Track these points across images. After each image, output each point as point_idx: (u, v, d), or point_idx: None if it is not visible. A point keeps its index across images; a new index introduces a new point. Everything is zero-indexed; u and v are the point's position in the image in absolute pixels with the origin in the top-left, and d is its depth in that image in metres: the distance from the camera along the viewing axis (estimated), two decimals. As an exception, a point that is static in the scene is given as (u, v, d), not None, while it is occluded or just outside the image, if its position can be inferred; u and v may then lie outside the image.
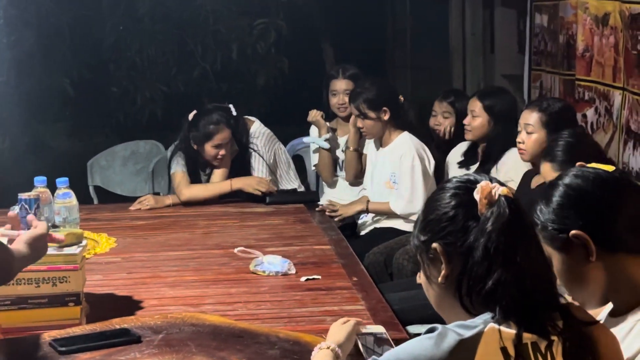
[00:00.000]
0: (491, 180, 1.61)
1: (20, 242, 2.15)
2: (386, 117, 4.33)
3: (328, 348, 2.10)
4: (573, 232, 1.73)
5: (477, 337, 1.49)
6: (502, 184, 1.60)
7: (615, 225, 1.74)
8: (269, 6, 6.37)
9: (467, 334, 1.49)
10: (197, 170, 4.56)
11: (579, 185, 1.78)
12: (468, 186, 1.61)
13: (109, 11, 6.09)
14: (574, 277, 1.77)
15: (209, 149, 4.41)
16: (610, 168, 1.82)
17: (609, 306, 1.81)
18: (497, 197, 1.56)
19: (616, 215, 1.74)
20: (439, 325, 1.52)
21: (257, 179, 4.47)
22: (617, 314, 1.76)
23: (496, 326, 1.51)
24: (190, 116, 4.46)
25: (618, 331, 1.72)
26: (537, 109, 3.63)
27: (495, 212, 1.55)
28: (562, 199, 1.78)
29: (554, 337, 1.55)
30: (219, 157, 4.44)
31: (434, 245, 1.60)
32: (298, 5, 6.62)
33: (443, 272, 1.59)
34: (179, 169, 4.50)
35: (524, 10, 5.34)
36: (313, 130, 4.90)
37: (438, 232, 1.60)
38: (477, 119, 4.25)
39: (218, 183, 4.48)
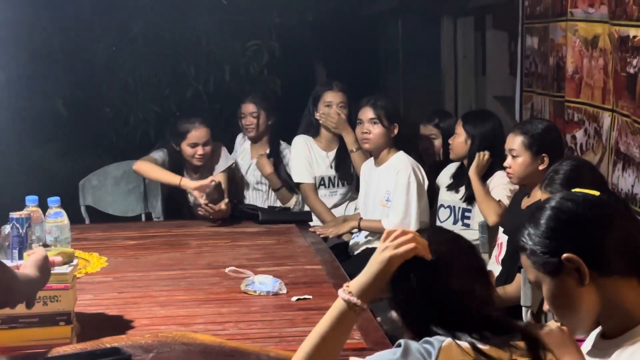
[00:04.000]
0: None
1: (27, 267, 2.16)
2: (395, 132, 4.37)
3: (345, 298, 1.76)
4: (565, 255, 1.70)
5: (434, 350, 1.60)
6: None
7: (607, 247, 1.71)
8: (262, 28, 6.40)
9: (433, 353, 1.59)
10: (181, 171, 4.60)
11: (570, 207, 1.75)
12: None
13: (101, 32, 6.10)
14: (565, 302, 1.73)
15: (185, 147, 4.52)
16: (595, 193, 1.80)
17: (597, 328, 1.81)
18: None
19: (608, 238, 1.71)
20: (402, 341, 1.62)
21: (198, 193, 4.41)
22: (609, 337, 1.75)
23: (453, 342, 1.61)
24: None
25: (611, 354, 1.72)
26: (520, 132, 3.66)
27: None
28: (552, 222, 1.74)
29: (515, 357, 1.63)
30: (197, 156, 4.50)
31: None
32: (290, 27, 6.65)
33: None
34: (154, 154, 4.61)
35: (515, 32, 5.38)
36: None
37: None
38: (457, 137, 4.32)
39: (170, 173, 4.52)
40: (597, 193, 1.81)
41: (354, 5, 7.92)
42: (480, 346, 1.60)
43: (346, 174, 4.92)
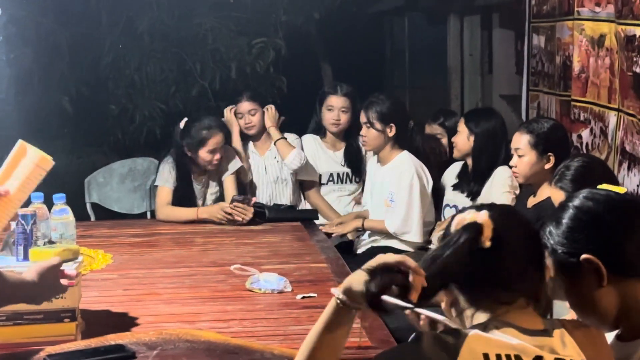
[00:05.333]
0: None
1: (29, 271, 2.15)
2: (391, 133, 4.36)
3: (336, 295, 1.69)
4: (584, 256, 1.69)
5: (459, 340, 1.57)
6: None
7: (626, 249, 1.70)
8: (268, 25, 6.40)
9: (456, 341, 1.58)
10: (189, 179, 4.58)
11: (590, 208, 1.74)
12: None
13: (108, 29, 6.11)
14: (585, 301, 1.73)
15: (203, 154, 4.47)
16: (622, 190, 1.79)
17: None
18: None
19: (628, 240, 1.70)
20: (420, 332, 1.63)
21: (217, 208, 4.44)
22: (626, 339, 1.74)
23: (481, 333, 1.58)
24: (182, 124, 4.55)
25: (627, 356, 1.71)
26: (525, 131, 3.65)
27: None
28: (572, 222, 1.74)
29: (544, 354, 1.58)
30: (214, 162, 4.48)
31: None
32: (297, 25, 6.65)
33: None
34: (167, 185, 4.54)
35: (521, 31, 5.37)
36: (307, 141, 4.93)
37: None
38: (459, 135, 4.31)
39: (186, 210, 4.49)
40: (622, 190, 1.80)
41: (361, 3, 7.92)
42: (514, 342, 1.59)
43: (357, 171, 4.95)
